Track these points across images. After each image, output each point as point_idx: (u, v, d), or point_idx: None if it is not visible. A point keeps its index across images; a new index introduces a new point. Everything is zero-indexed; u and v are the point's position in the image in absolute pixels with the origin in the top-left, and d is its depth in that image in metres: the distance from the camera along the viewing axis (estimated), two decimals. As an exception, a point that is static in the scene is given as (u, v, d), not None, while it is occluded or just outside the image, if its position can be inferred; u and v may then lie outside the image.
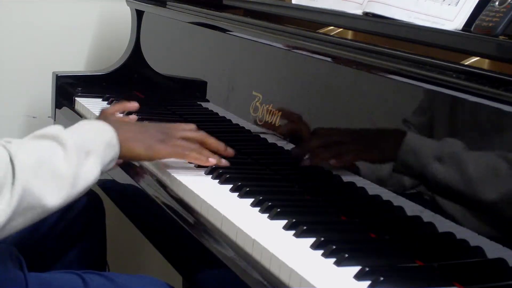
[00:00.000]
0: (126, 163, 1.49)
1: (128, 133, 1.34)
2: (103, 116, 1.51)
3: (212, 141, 1.43)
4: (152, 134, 1.37)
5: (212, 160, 1.40)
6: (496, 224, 1.04)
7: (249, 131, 1.58)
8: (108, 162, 1.28)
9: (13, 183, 1.09)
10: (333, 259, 1.04)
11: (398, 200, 1.19)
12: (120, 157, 1.33)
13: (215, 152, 1.42)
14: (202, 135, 1.43)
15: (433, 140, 1.16)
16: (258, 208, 1.24)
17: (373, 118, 1.28)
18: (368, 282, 0.98)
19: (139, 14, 2.15)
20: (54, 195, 1.14)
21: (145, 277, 1.36)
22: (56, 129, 1.22)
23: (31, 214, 1.13)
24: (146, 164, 1.50)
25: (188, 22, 1.88)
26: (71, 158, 1.18)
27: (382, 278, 0.97)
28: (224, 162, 1.42)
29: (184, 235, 1.26)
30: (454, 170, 1.10)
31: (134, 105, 1.62)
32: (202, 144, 1.42)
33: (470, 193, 1.08)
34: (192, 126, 1.46)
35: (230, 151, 1.45)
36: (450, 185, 1.11)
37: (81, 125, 1.30)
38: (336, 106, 1.37)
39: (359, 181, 1.27)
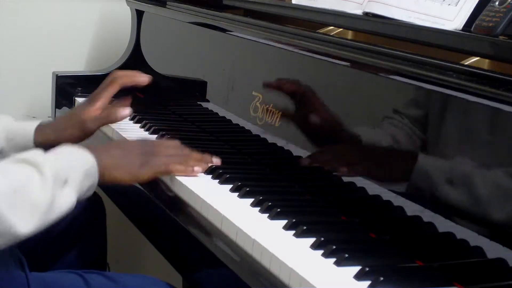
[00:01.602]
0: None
1: (110, 160, 1.32)
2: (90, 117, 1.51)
3: (197, 156, 1.42)
4: (133, 159, 1.35)
5: (198, 169, 1.39)
6: (496, 224, 1.04)
7: (249, 131, 1.58)
8: (85, 190, 1.27)
9: None
10: (333, 259, 1.04)
11: (398, 200, 1.19)
12: (103, 183, 1.32)
13: None
14: (185, 151, 1.42)
15: (433, 140, 1.16)
16: (258, 208, 1.24)
17: (373, 118, 1.28)
18: (368, 282, 0.98)
19: (139, 14, 2.15)
20: (26, 223, 1.14)
21: (147, 277, 1.36)
22: (36, 155, 1.21)
23: (1, 240, 1.12)
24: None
25: (188, 22, 1.88)
26: (47, 187, 1.17)
27: (382, 278, 0.97)
28: (215, 162, 1.42)
29: (184, 235, 1.26)
30: (455, 171, 1.10)
31: (144, 79, 1.59)
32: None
33: (471, 193, 1.08)
34: (176, 142, 1.44)
35: (216, 160, 1.43)
36: (451, 185, 1.11)
37: (62, 150, 1.28)
38: (336, 106, 1.37)
39: (359, 181, 1.27)
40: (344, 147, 1.35)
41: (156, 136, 1.67)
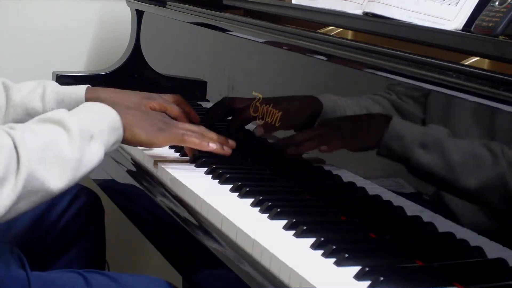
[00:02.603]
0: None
1: (131, 118, 1.36)
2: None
3: (213, 136, 1.43)
4: (153, 122, 1.39)
5: (213, 145, 1.41)
6: (496, 224, 1.04)
7: (249, 131, 1.58)
8: (111, 144, 1.30)
9: (18, 169, 1.10)
10: (333, 259, 1.04)
11: (398, 200, 1.19)
12: (122, 141, 1.34)
13: None
14: (201, 128, 1.44)
15: (434, 140, 1.16)
16: (258, 208, 1.24)
17: (373, 117, 1.28)
18: (368, 282, 0.98)
19: (139, 14, 2.15)
20: (58, 178, 1.16)
21: (148, 277, 1.36)
22: (60, 113, 1.23)
23: (35, 197, 1.14)
24: (146, 164, 1.50)
25: (188, 22, 1.88)
26: (75, 142, 1.19)
27: (382, 278, 0.97)
28: (226, 150, 1.43)
29: (184, 235, 1.26)
30: (455, 171, 1.10)
31: (196, 118, 1.59)
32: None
33: (471, 194, 1.08)
34: (195, 127, 1.46)
35: (231, 143, 1.45)
36: (451, 185, 1.11)
37: (86, 107, 1.32)
38: (336, 106, 1.37)
39: (359, 181, 1.27)
40: (344, 146, 1.35)
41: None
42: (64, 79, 2.11)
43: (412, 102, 1.20)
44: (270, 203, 1.23)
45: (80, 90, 1.54)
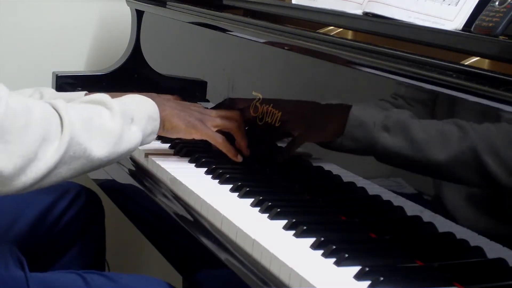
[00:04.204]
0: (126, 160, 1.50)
1: (169, 109, 1.40)
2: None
3: (240, 136, 1.47)
4: (191, 113, 1.43)
5: (240, 158, 1.45)
6: (496, 224, 1.04)
7: (248, 130, 1.58)
8: (148, 134, 1.33)
9: (61, 131, 1.14)
10: (333, 259, 1.04)
11: (398, 200, 1.19)
12: (160, 132, 1.38)
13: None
14: (236, 114, 1.48)
15: (434, 140, 1.16)
16: (258, 208, 1.24)
17: (373, 118, 1.28)
18: (368, 282, 0.98)
19: (139, 14, 2.15)
20: (100, 147, 1.20)
21: (147, 277, 1.36)
22: (102, 96, 1.28)
23: (76, 164, 1.17)
24: (146, 164, 1.50)
25: (188, 22, 1.88)
26: (117, 119, 1.24)
27: (382, 278, 0.97)
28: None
29: (184, 235, 1.26)
30: (456, 171, 1.10)
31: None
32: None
33: (471, 194, 1.08)
34: (227, 112, 1.50)
35: (248, 151, 1.48)
36: (452, 185, 1.11)
37: (126, 96, 1.36)
38: (335, 106, 1.37)
39: (359, 181, 1.27)
40: (343, 146, 1.35)
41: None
42: (64, 79, 2.11)
43: (419, 105, 1.19)
44: (270, 203, 1.23)
45: (78, 96, 1.54)
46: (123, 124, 1.25)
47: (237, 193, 1.31)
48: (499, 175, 1.03)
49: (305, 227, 1.13)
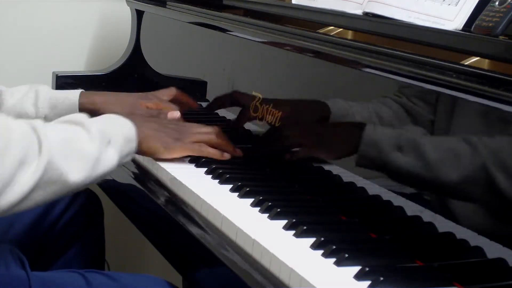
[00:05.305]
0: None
1: (147, 131, 1.38)
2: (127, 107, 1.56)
3: (224, 145, 1.45)
4: (169, 133, 1.41)
5: (227, 155, 1.44)
6: (496, 224, 1.04)
7: (249, 131, 1.58)
8: (124, 155, 1.31)
9: (39, 154, 1.12)
10: (333, 259, 1.04)
11: (398, 200, 1.19)
12: (138, 153, 1.37)
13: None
14: (214, 128, 1.46)
15: (434, 139, 1.16)
16: (258, 208, 1.24)
17: (373, 117, 1.28)
18: (368, 282, 0.98)
19: (139, 14, 2.15)
20: (76, 172, 1.17)
21: (148, 276, 1.36)
22: (80, 116, 1.26)
23: (52, 188, 1.15)
24: (146, 164, 1.50)
25: (188, 22, 1.88)
26: (94, 141, 1.21)
27: (382, 278, 0.97)
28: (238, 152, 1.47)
29: (184, 235, 1.26)
30: (456, 171, 1.10)
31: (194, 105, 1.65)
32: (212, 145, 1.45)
33: (471, 193, 1.08)
34: (208, 128, 1.48)
35: (238, 151, 1.47)
36: (452, 185, 1.11)
37: (103, 117, 1.34)
38: (336, 106, 1.37)
39: (359, 181, 1.27)
40: (343, 146, 1.35)
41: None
42: (64, 79, 2.11)
43: (422, 104, 1.19)
44: (270, 203, 1.23)
45: (74, 94, 1.55)
46: (100, 146, 1.22)
47: (237, 193, 1.31)
48: (499, 175, 1.03)
49: (305, 227, 1.13)
